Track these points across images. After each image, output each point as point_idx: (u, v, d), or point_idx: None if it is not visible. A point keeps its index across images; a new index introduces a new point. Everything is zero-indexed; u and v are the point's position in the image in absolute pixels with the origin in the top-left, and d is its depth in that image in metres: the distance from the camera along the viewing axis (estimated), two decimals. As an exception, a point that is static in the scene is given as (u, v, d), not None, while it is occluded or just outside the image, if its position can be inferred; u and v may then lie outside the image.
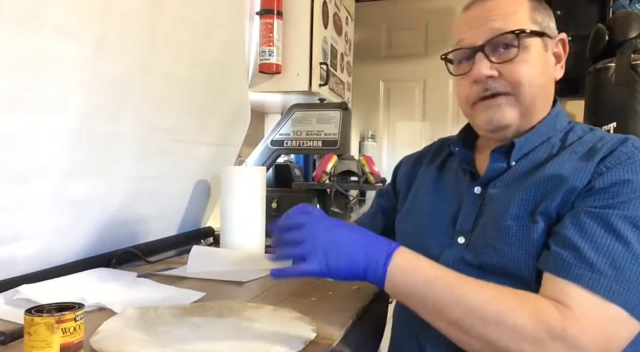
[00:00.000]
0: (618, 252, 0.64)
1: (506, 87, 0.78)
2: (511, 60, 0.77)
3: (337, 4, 2.20)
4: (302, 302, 0.97)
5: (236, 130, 1.67)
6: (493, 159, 0.81)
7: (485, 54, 0.78)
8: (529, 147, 0.79)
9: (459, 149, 0.88)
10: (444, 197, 0.88)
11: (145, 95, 1.18)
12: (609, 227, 0.65)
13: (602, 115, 2.03)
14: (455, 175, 0.89)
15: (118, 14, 1.04)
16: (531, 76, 0.77)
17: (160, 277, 1.13)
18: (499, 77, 0.78)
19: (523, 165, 0.78)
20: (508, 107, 0.78)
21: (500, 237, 0.73)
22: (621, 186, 0.67)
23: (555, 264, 0.66)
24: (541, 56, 0.79)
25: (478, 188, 0.82)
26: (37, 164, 0.96)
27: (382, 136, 3.13)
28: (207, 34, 1.36)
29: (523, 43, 0.77)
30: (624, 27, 2.00)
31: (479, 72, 0.78)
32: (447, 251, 0.81)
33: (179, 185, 1.45)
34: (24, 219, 0.97)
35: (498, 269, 0.73)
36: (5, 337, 0.71)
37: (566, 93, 2.74)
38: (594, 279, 0.63)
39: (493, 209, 0.77)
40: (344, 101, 2.00)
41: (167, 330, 0.75)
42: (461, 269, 0.75)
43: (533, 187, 0.73)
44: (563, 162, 0.74)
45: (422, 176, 0.95)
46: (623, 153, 0.71)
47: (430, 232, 0.85)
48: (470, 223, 0.80)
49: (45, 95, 0.93)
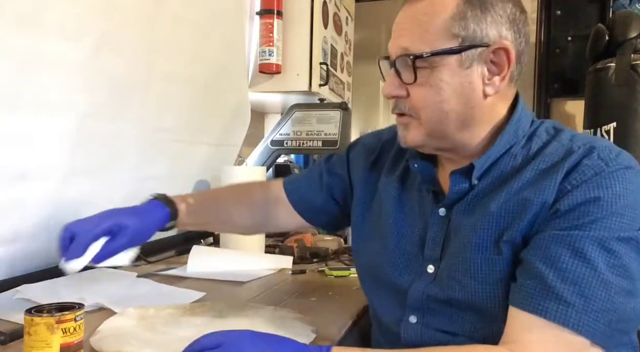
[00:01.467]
0: (585, 279, 0.60)
1: (410, 110, 0.72)
2: (414, 83, 0.69)
3: (337, 4, 2.20)
4: (302, 302, 0.97)
5: (236, 130, 1.67)
6: (454, 181, 0.74)
7: (395, 71, 0.71)
8: (488, 164, 0.72)
9: (419, 165, 0.79)
10: (409, 217, 0.81)
11: (145, 95, 1.18)
12: (575, 251, 0.61)
13: (602, 115, 2.03)
14: (418, 192, 0.81)
15: (118, 14, 1.04)
16: (434, 102, 0.69)
17: (160, 277, 1.13)
18: (405, 97, 0.71)
19: (486, 182, 0.72)
20: (413, 127, 0.72)
21: (465, 272, 0.69)
22: (588, 205, 0.62)
23: (521, 296, 0.63)
24: (455, 77, 0.68)
25: (443, 210, 0.76)
26: (37, 164, 0.96)
27: (382, 136, 3.13)
28: (207, 34, 1.36)
29: (427, 66, 0.68)
30: (624, 27, 2.00)
31: (384, 89, 0.73)
32: (415, 284, 0.76)
33: (179, 185, 1.45)
34: (24, 219, 0.97)
35: (465, 305, 0.69)
36: (5, 337, 0.71)
37: (566, 93, 2.75)
38: (561, 312, 0.59)
39: (459, 238, 0.72)
40: (344, 101, 2.00)
41: (167, 330, 0.75)
42: (430, 305, 0.73)
43: (496, 213, 0.68)
44: (526, 183, 0.68)
45: (384, 188, 0.86)
46: (588, 167, 0.64)
47: (397, 259, 0.79)
48: (438, 250, 0.75)
49: (46, 95, 0.93)
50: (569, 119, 2.69)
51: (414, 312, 0.75)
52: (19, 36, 0.85)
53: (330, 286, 1.09)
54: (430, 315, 0.74)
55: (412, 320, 0.75)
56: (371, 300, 0.86)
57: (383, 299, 0.81)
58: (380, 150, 0.91)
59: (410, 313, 0.76)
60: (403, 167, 0.85)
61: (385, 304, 0.81)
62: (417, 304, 0.75)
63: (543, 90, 2.73)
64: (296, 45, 1.84)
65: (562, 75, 2.72)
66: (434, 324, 0.73)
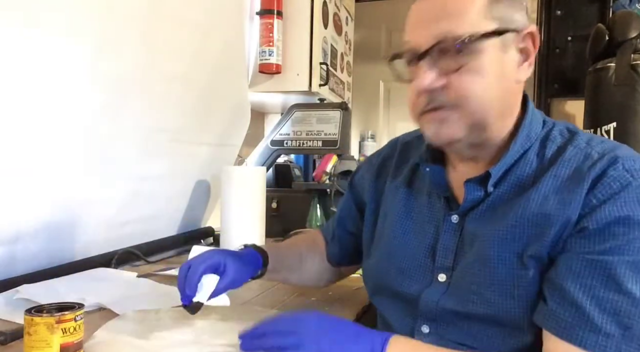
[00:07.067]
0: (623, 308, 0.58)
1: (452, 101, 0.67)
2: (458, 70, 0.66)
3: (337, 4, 2.20)
4: (302, 302, 0.97)
5: (236, 130, 1.67)
6: (469, 190, 0.71)
7: (430, 61, 0.67)
8: (505, 169, 0.70)
9: (431, 169, 0.77)
10: (418, 224, 0.78)
11: (145, 96, 1.18)
12: (610, 279, 0.59)
13: (602, 115, 2.03)
14: (427, 197, 0.78)
15: (118, 14, 1.04)
16: (482, 88, 0.66)
17: (160, 277, 1.13)
18: (445, 88, 0.67)
19: (502, 190, 0.70)
20: (453, 121, 0.68)
21: (488, 284, 0.67)
22: (618, 226, 0.60)
23: (557, 323, 0.61)
24: (497, 61, 0.67)
25: (455, 217, 0.73)
26: (37, 164, 0.96)
27: (382, 136, 3.13)
28: (207, 34, 1.37)
29: (472, 49, 0.65)
30: (624, 27, 2.00)
31: (421, 83, 0.67)
32: (427, 292, 0.73)
33: (179, 185, 1.45)
34: (24, 219, 0.97)
35: (486, 318, 0.67)
36: (5, 337, 0.71)
37: (566, 93, 2.75)
38: (600, 343, 0.58)
39: (476, 247, 0.70)
40: (344, 101, 2.00)
41: (165, 335, 0.74)
42: (445, 317, 0.71)
43: (517, 225, 0.66)
44: (547, 193, 0.66)
45: (391, 194, 0.84)
46: (614, 179, 0.62)
47: (405, 266, 0.77)
48: (451, 259, 0.73)
49: (46, 95, 0.93)
50: (569, 119, 2.69)
51: (427, 322, 0.73)
52: (19, 36, 0.85)
53: (331, 286, 1.09)
54: (444, 326, 0.71)
55: (425, 330, 0.73)
56: (380, 308, 0.83)
57: (391, 307, 0.79)
58: (382, 160, 0.90)
59: (423, 323, 0.73)
60: (409, 169, 0.83)
61: (394, 312, 0.78)
62: (430, 314, 0.72)
63: (543, 90, 2.73)
64: (296, 45, 1.84)
65: (562, 75, 2.72)
66: (447, 335, 0.71)
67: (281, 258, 0.87)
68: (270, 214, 1.62)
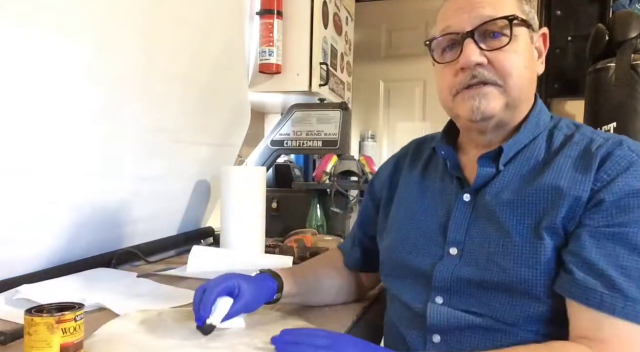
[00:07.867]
0: None
1: (494, 77, 0.74)
2: (501, 49, 0.74)
3: (337, 4, 2.20)
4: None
5: (236, 130, 1.67)
6: (481, 165, 0.77)
7: (475, 40, 0.74)
8: (515, 150, 0.77)
9: (446, 151, 0.83)
10: (431, 204, 0.84)
11: (145, 96, 1.18)
12: (632, 247, 0.64)
13: (602, 115, 2.04)
14: (440, 180, 0.85)
15: (118, 14, 1.04)
16: (520, 67, 0.74)
17: (160, 277, 1.13)
18: (488, 65, 0.74)
19: (512, 169, 0.76)
20: (494, 97, 0.74)
21: (506, 254, 0.71)
22: (632, 198, 0.65)
23: (584, 292, 0.64)
24: (528, 48, 0.76)
25: (467, 195, 0.79)
26: (37, 164, 0.96)
27: (382, 136, 3.13)
28: (207, 34, 1.36)
29: (513, 31, 0.74)
30: (624, 27, 2.00)
31: (468, 58, 0.73)
32: (440, 264, 0.77)
33: (179, 185, 1.45)
34: (24, 219, 0.97)
35: (504, 286, 0.71)
36: (5, 337, 0.71)
37: (566, 93, 2.75)
38: (628, 308, 0.62)
39: (490, 221, 0.74)
40: (344, 101, 2.00)
41: (166, 335, 0.74)
42: (458, 286, 0.74)
43: (531, 198, 0.71)
44: (559, 170, 0.71)
45: (405, 182, 0.90)
46: (622, 158, 0.68)
47: (418, 243, 0.82)
48: (462, 233, 0.77)
49: (45, 95, 0.93)
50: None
51: (440, 293, 0.76)
52: (19, 36, 0.85)
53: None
54: (457, 296, 0.75)
55: (439, 300, 0.76)
56: (392, 288, 0.86)
57: (405, 285, 0.83)
58: (397, 159, 0.97)
59: (437, 294, 0.77)
60: (427, 156, 0.90)
61: (408, 289, 0.82)
62: (444, 285, 0.76)
63: (543, 90, 2.73)
64: (296, 45, 1.84)
65: (562, 75, 2.72)
66: (460, 305, 0.74)
67: (297, 282, 0.88)
68: (270, 214, 1.62)
